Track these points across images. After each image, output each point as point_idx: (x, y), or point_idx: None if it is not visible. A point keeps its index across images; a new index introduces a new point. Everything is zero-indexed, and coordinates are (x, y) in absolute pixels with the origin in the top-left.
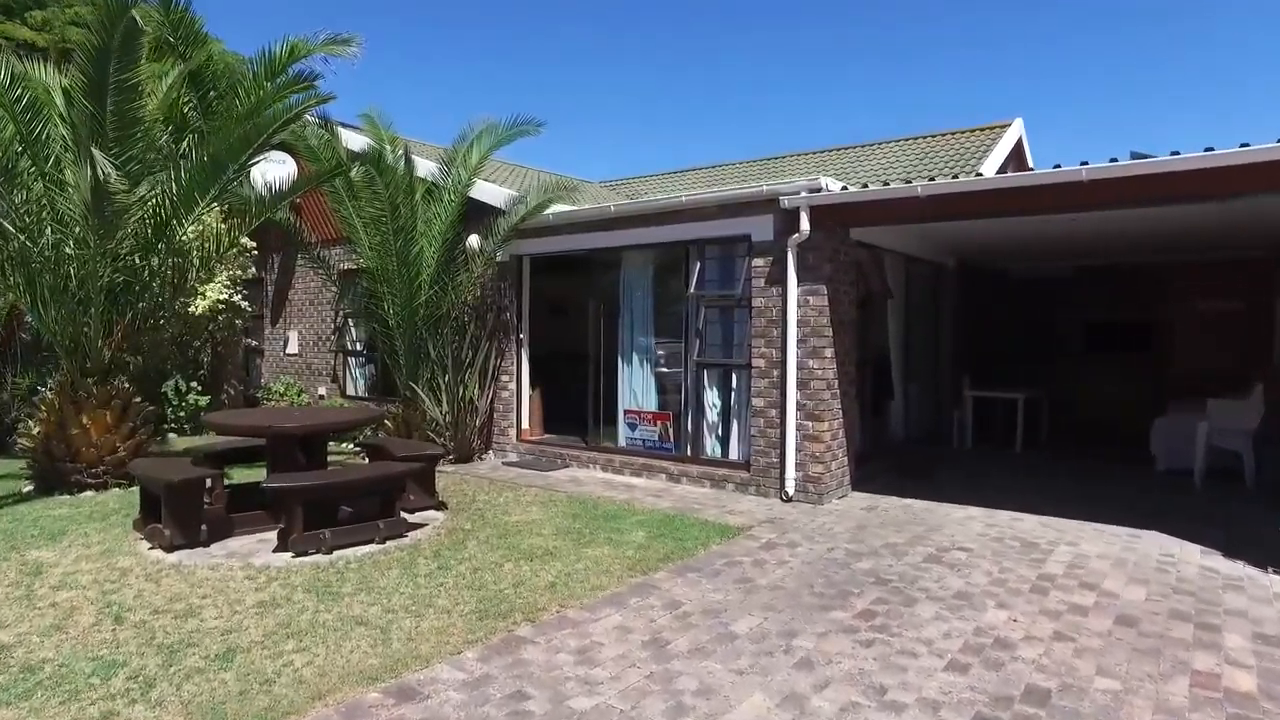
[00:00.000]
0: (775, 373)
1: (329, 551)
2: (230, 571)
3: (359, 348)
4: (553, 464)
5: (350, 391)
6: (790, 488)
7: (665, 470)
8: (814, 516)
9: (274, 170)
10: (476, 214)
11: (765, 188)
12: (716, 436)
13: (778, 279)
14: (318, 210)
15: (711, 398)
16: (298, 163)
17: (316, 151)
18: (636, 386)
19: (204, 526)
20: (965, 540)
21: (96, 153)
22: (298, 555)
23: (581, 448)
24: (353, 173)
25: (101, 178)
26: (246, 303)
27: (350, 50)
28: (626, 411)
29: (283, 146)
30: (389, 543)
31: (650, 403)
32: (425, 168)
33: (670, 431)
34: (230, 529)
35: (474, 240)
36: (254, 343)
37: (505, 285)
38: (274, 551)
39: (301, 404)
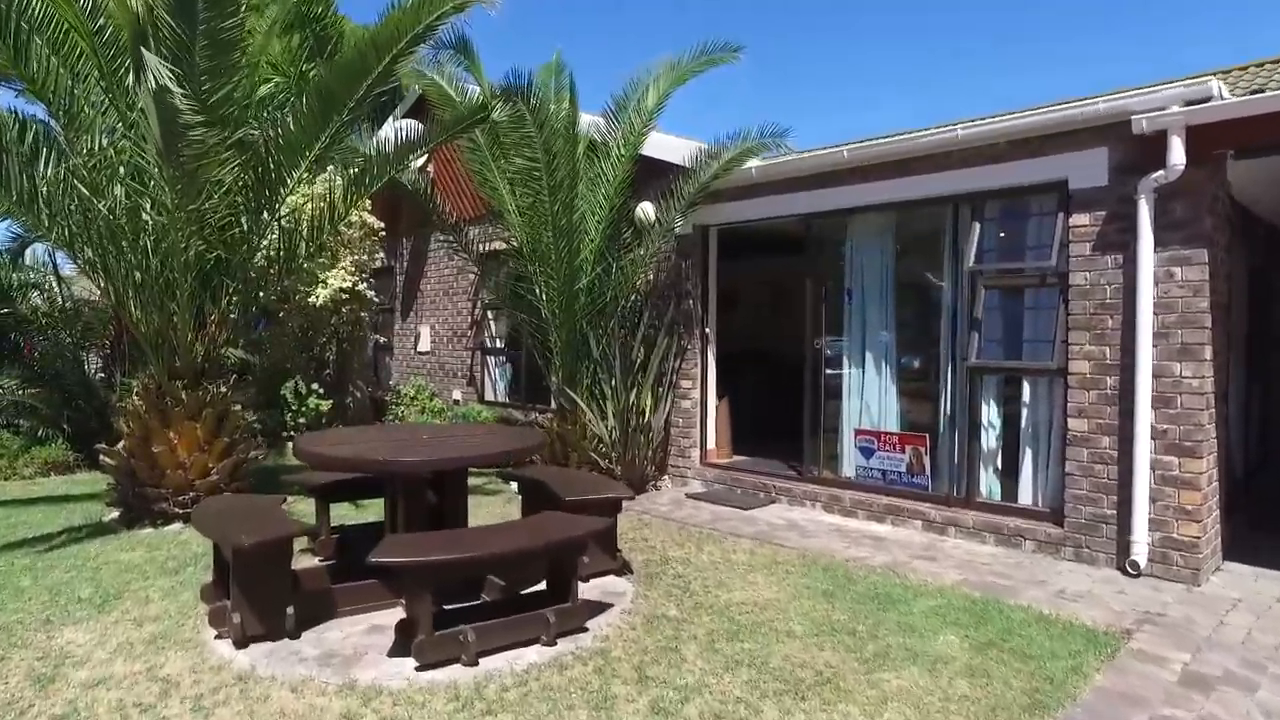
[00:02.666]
0: (1109, 381)
1: (472, 662)
2: (322, 699)
3: (500, 345)
4: (753, 498)
5: (489, 396)
6: (1140, 555)
7: (922, 515)
8: (1210, 608)
9: None
10: (646, 178)
11: (1102, 105)
12: (995, 470)
13: (1115, 242)
14: (453, 184)
15: (989, 415)
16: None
17: (451, 96)
18: (870, 397)
19: (290, 610)
20: None
21: (150, 56)
22: (424, 667)
23: (792, 477)
24: (497, 112)
25: (154, 83)
26: (373, 293)
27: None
28: (857, 432)
29: (414, 113)
30: (560, 643)
31: (890, 419)
32: (584, 121)
33: (924, 461)
34: (332, 607)
35: (647, 208)
36: (383, 339)
37: (686, 265)
38: (390, 654)
39: (433, 410)
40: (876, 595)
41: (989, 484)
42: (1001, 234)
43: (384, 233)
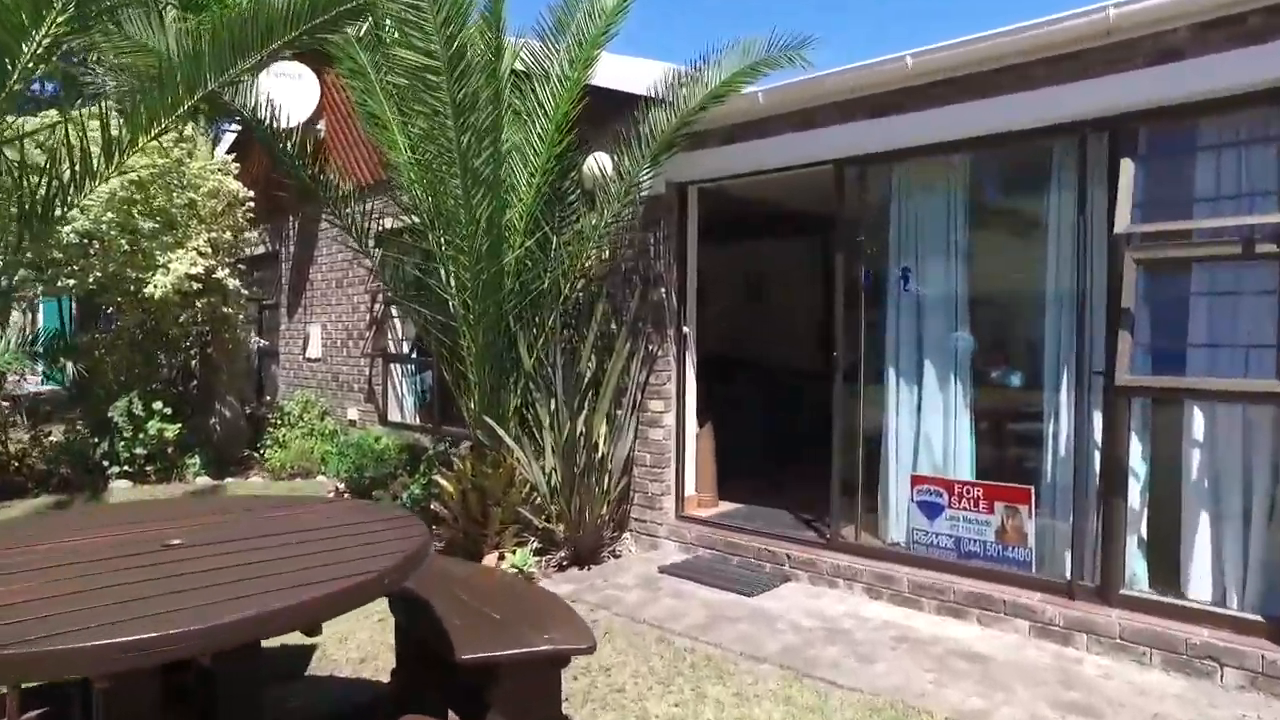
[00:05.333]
0: None
1: None
2: None
3: (407, 350)
4: (758, 574)
5: (394, 416)
6: None
7: (1029, 613)
8: None
9: (283, 90)
10: (599, 121)
11: None
12: (1143, 544)
13: None
14: (351, 144)
15: (1133, 459)
16: (322, 79)
17: None
18: (932, 428)
19: None
20: None
21: None
22: None
23: (813, 541)
24: None
25: None
26: (238, 282)
27: None
28: (916, 479)
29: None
30: None
31: (962, 462)
32: (512, 45)
33: (1025, 526)
34: None
35: (602, 160)
36: (264, 343)
37: (656, 239)
38: None
39: (323, 432)
40: None
41: (1133, 568)
42: (1169, 177)
43: (251, 201)
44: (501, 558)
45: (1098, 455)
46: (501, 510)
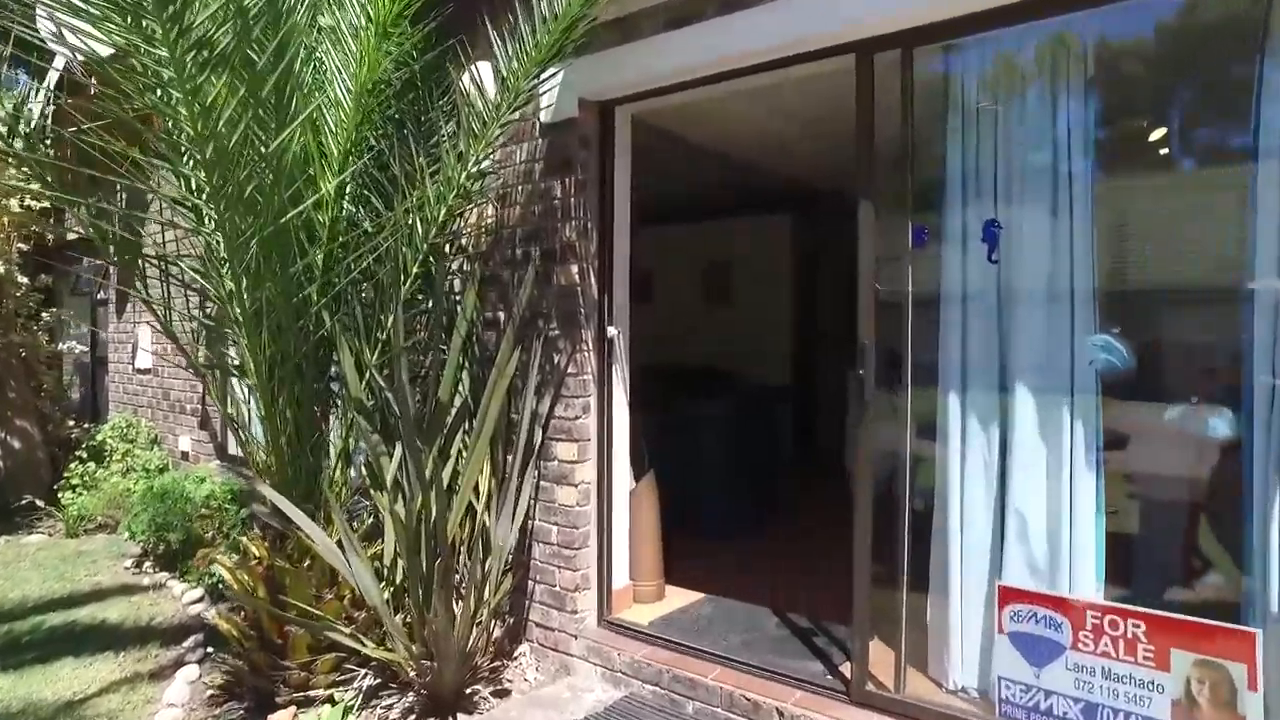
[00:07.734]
0: None
1: None
2: None
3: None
4: None
5: (235, 449)
6: None
7: None
8: None
9: None
10: (477, 24)
11: None
12: None
13: None
14: None
15: None
16: None
17: None
18: (1031, 503)
19: None
20: None
21: None
22: None
23: (822, 685)
24: None
25: None
26: (10, 268)
27: None
28: (1007, 593)
29: None
30: None
31: (1082, 564)
32: None
33: (1237, 699)
34: None
35: (483, 73)
36: (83, 349)
37: (565, 190)
38: None
39: (148, 467)
40: None
41: None
42: None
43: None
44: (303, 707)
45: None
46: (306, 637)
